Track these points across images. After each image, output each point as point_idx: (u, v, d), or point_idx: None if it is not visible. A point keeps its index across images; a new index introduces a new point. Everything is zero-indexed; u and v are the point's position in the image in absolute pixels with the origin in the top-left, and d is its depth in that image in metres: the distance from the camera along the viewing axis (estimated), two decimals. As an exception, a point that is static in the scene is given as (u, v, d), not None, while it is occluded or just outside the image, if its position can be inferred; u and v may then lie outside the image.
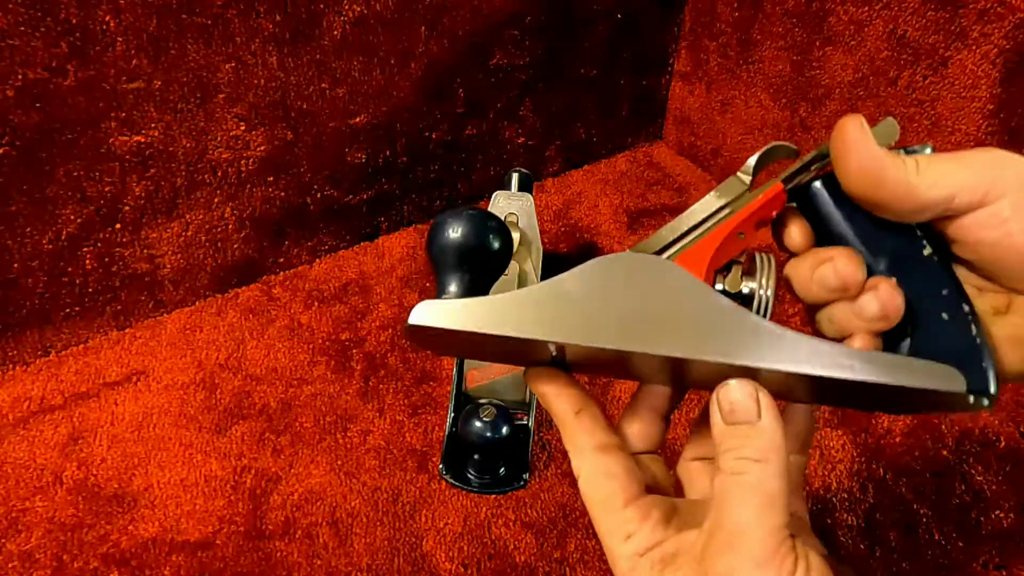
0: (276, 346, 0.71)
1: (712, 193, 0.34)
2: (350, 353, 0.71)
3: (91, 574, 0.54)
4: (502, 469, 0.60)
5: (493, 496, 0.59)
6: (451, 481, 0.60)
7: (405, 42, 0.73)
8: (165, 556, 0.55)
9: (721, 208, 0.33)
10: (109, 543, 0.55)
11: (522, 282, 0.66)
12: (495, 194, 0.71)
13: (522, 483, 0.60)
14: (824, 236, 0.33)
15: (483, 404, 0.59)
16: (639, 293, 0.31)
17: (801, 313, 0.76)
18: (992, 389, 0.29)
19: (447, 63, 0.76)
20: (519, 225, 0.67)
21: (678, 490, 0.36)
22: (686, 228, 0.33)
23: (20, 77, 0.56)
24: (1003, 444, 0.62)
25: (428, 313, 0.31)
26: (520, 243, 0.66)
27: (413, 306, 0.31)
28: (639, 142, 1.00)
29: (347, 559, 0.55)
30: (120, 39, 0.59)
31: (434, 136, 0.81)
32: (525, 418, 0.64)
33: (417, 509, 0.58)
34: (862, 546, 0.56)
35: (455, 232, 0.33)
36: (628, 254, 0.32)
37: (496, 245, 0.34)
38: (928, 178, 0.28)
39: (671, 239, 0.34)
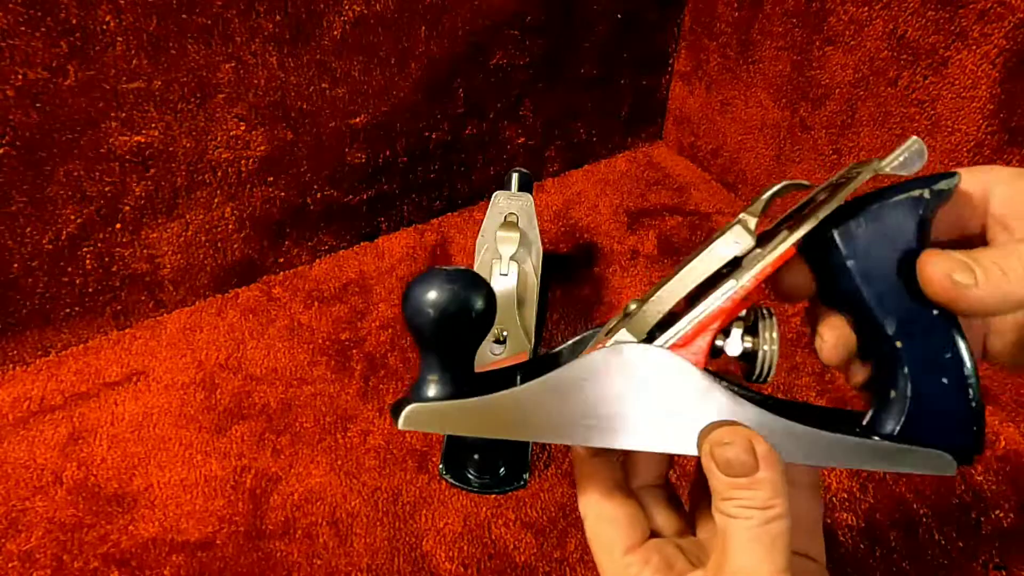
0: (276, 346, 0.71)
1: (717, 242, 0.31)
2: (350, 353, 0.71)
3: (91, 574, 0.54)
4: (502, 469, 0.60)
5: (493, 496, 0.59)
6: (451, 481, 0.60)
7: (405, 42, 0.73)
8: (165, 556, 0.55)
9: (725, 271, 0.31)
10: (109, 543, 0.55)
11: (522, 283, 0.66)
12: (495, 194, 0.71)
13: (522, 483, 0.60)
14: (829, 288, 0.32)
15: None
16: (634, 387, 0.30)
17: (801, 313, 0.76)
18: (978, 452, 0.30)
19: (447, 63, 0.76)
20: (519, 225, 0.67)
21: (688, 514, 0.36)
22: (685, 291, 0.31)
23: (20, 77, 0.56)
24: (1003, 444, 0.62)
25: (417, 419, 0.31)
26: (520, 243, 0.66)
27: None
28: (639, 142, 1.00)
29: (347, 559, 0.55)
30: (120, 39, 0.59)
31: (434, 136, 0.81)
32: (525, 418, 0.64)
33: (417, 509, 0.58)
34: (862, 546, 0.56)
35: (430, 307, 0.31)
36: (625, 348, 0.30)
37: (477, 309, 0.31)
38: (1014, 275, 0.28)
39: (668, 307, 0.31)
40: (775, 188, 0.31)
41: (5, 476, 0.59)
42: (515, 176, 0.73)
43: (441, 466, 0.61)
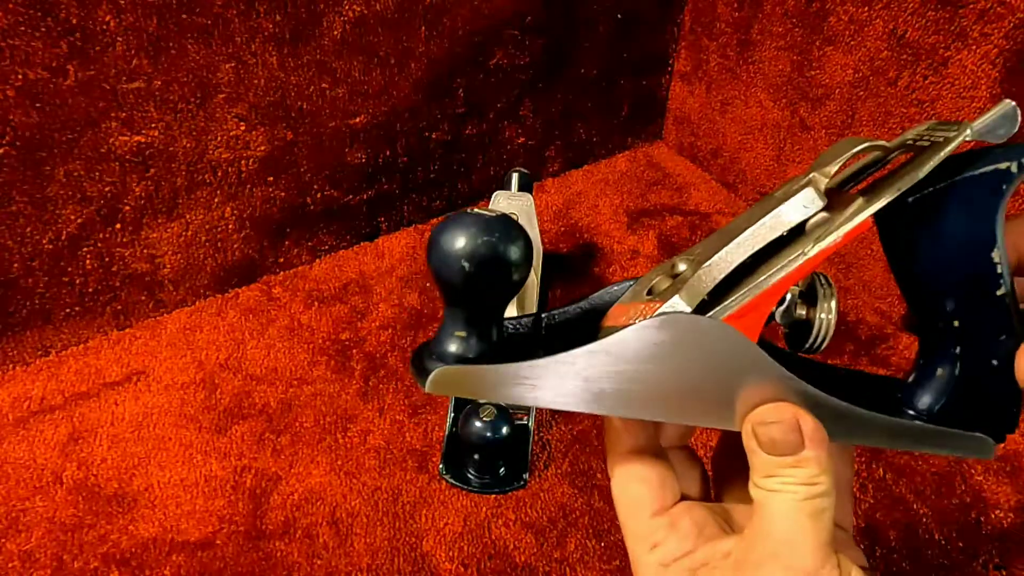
0: (276, 346, 0.71)
1: (784, 206, 0.28)
2: (350, 353, 0.71)
3: (91, 574, 0.54)
4: (502, 469, 0.60)
5: (493, 496, 0.59)
6: (451, 481, 0.60)
7: (405, 42, 0.73)
8: (165, 556, 0.55)
9: (787, 235, 0.28)
10: (109, 543, 0.55)
11: (522, 282, 0.65)
12: (495, 194, 0.71)
13: (522, 483, 0.60)
14: (893, 255, 0.30)
15: (483, 404, 0.59)
16: (687, 359, 0.28)
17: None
18: (1011, 431, 0.29)
19: (447, 63, 0.76)
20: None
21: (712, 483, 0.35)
22: (744, 257, 0.28)
23: (20, 77, 0.56)
24: (1003, 444, 0.62)
25: (447, 383, 0.29)
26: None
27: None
28: (639, 142, 1.00)
29: (347, 559, 0.55)
30: (120, 39, 0.59)
31: (434, 136, 0.81)
32: (525, 418, 0.64)
33: (417, 509, 0.58)
34: (862, 546, 0.56)
35: (462, 256, 0.27)
36: (681, 319, 0.28)
37: (514, 258, 0.28)
38: None
39: (724, 274, 0.28)
40: (856, 148, 0.28)
41: (5, 476, 0.59)
42: (515, 176, 0.73)
43: (441, 466, 0.61)
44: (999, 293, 0.28)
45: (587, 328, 0.32)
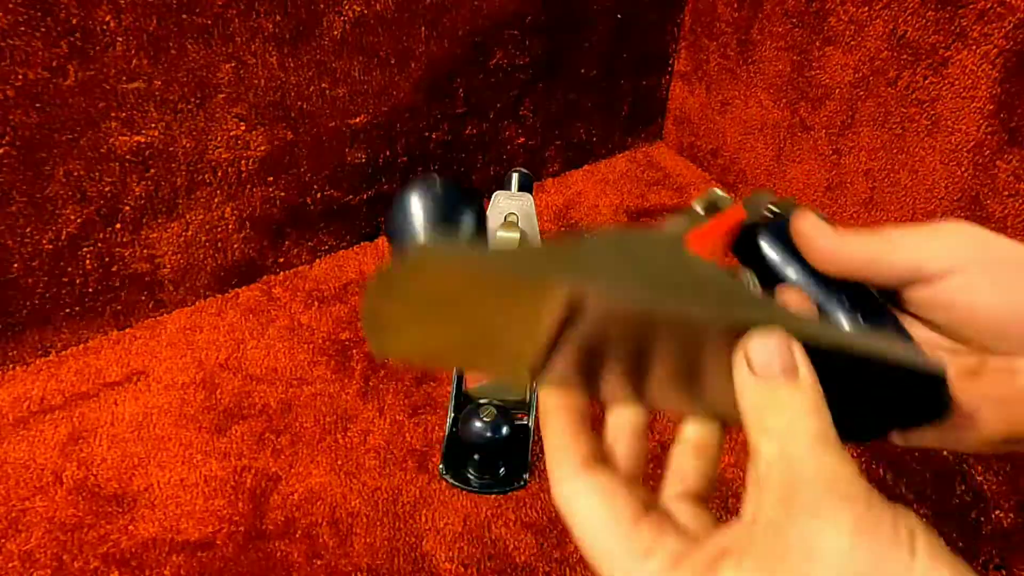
0: (276, 346, 0.71)
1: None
2: (350, 353, 0.71)
3: (91, 574, 0.54)
4: (502, 469, 0.60)
5: (493, 496, 0.59)
6: (451, 481, 0.60)
7: (405, 42, 0.73)
8: (165, 556, 0.55)
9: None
10: (109, 543, 0.55)
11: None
12: (495, 194, 0.71)
13: (522, 483, 0.60)
14: (770, 281, 0.33)
15: (483, 404, 0.59)
16: (658, 264, 0.28)
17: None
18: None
19: (447, 63, 0.76)
20: (519, 225, 0.67)
21: None
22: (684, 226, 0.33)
23: (20, 77, 0.56)
24: (1003, 444, 0.62)
25: (430, 255, 0.26)
26: (520, 243, 0.66)
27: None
28: (639, 142, 1.00)
29: (347, 559, 0.55)
30: (120, 39, 0.59)
31: (434, 136, 0.81)
32: (525, 418, 0.64)
33: (417, 509, 0.58)
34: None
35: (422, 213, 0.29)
36: (644, 232, 0.30)
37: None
38: (899, 250, 0.30)
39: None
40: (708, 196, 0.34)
41: (5, 476, 0.59)
42: (515, 176, 0.73)
43: (441, 466, 0.61)
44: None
45: None
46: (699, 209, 0.34)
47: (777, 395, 0.24)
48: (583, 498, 0.26)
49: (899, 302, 0.32)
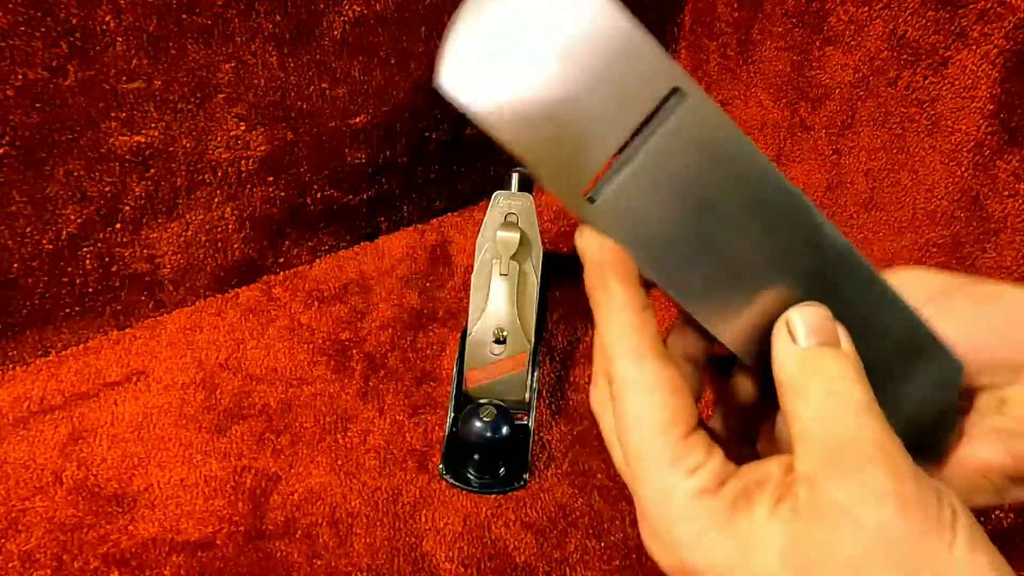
0: (276, 346, 0.71)
1: None
2: (350, 353, 0.71)
3: (91, 574, 0.54)
4: (502, 469, 0.60)
5: (493, 496, 0.59)
6: (451, 481, 0.60)
7: (405, 42, 0.73)
8: (165, 556, 0.55)
9: None
10: (109, 543, 0.55)
11: (522, 283, 0.66)
12: (495, 194, 0.71)
13: (522, 483, 0.60)
14: None
15: (483, 404, 0.59)
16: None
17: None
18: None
19: (447, 63, 0.76)
20: (519, 225, 0.67)
21: None
22: None
23: (20, 77, 0.56)
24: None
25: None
26: (520, 243, 0.66)
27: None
28: (639, 142, 1.00)
29: (347, 559, 0.55)
30: (120, 39, 0.59)
31: (434, 136, 0.81)
32: (525, 418, 0.64)
33: (417, 509, 0.58)
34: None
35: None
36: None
37: None
38: None
39: None
40: None
41: (5, 476, 0.59)
42: (515, 176, 0.73)
43: (441, 466, 0.61)
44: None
45: None
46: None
47: (821, 362, 0.24)
48: (641, 391, 0.24)
49: None
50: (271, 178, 0.73)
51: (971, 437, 0.28)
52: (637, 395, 0.24)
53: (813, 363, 0.24)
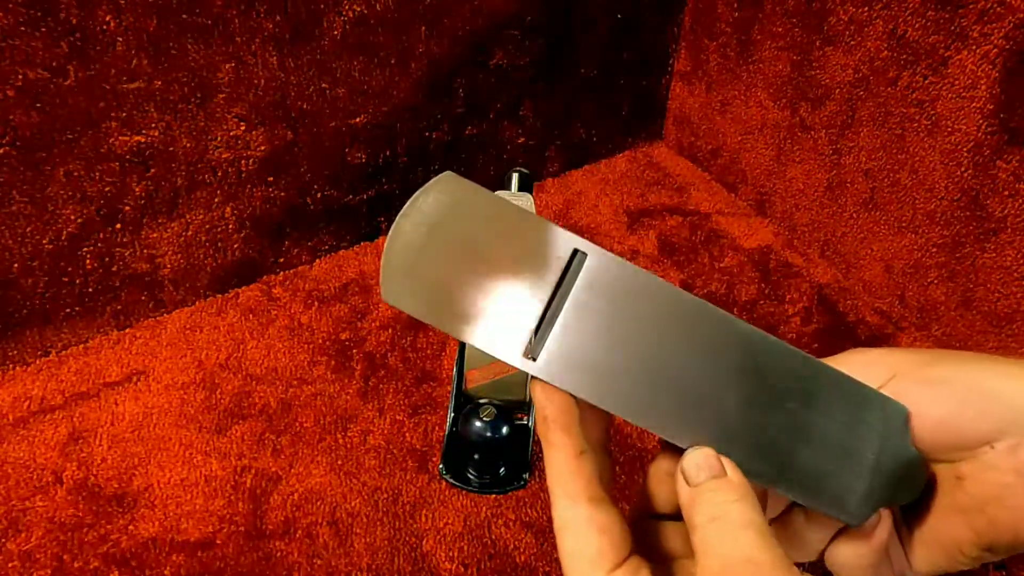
0: (276, 346, 0.71)
1: None
2: (350, 353, 0.71)
3: (91, 574, 0.54)
4: (502, 469, 0.60)
5: (493, 496, 0.59)
6: (451, 481, 0.60)
7: (405, 42, 0.73)
8: (165, 556, 0.55)
9: None
10: (109, 543, 0.55)
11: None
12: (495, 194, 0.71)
13: (522, 483, 0.60)
14: None
15: (483, 404, 0.59)
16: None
17: (801, 312, 0.76)
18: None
19: (447, 63, 0.76)
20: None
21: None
22: None
23: (20, 77, 0.56)
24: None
25: (455, 183, 0.29)
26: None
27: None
28: (639, 142, 1.00)
29: (347, 559, 0.55)
30: (120, 39, 0.59)
31: (434, 136, 0.81)
32: (525, 418, 0.64)
33: (417, 509, 0.58)
34: (862, 546, 0.56)
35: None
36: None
37: None
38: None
39: None
40: None
41: (5, 476, 0.59)
42: (515, 176, 0.73)
43: (441, 466, 0.61)
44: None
45: None
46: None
47: (707, 495, 0.27)
48: (573, 532, 0.28)
49: None
50: (271, 178, 0.73)
51: (936, 515, 0.30)
52: (570, 535, 0.28)
53: (701, 496, 0.27)
